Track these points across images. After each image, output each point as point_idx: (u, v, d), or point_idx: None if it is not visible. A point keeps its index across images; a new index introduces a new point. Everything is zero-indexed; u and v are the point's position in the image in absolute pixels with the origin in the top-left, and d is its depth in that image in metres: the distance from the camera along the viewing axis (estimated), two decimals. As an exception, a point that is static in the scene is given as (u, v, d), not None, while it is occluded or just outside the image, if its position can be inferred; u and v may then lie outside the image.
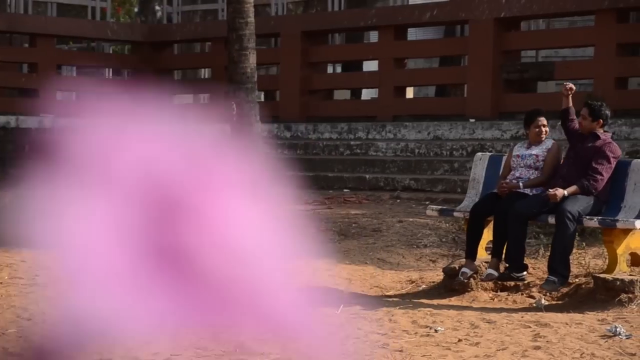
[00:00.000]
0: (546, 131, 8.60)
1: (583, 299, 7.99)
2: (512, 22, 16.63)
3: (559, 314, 7.45)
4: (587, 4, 15.67)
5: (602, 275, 7.95)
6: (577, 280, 8.33)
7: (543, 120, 8.58)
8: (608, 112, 8.40)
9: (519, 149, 8.70)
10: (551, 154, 8.49)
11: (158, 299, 1.01)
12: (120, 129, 1.02)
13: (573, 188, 8.08)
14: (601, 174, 8.09)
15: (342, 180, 15.73)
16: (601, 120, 8.32)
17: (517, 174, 8.52)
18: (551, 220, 8.13)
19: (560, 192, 8.04)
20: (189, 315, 1.01)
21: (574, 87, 8.76)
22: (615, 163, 8.19)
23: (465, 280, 8.40)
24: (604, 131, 8.39)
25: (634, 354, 6.17)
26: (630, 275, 7.89)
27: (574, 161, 8.28)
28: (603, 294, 7.80)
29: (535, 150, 8.55)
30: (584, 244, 9.43)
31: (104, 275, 1.01)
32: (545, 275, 8.34)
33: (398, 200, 13.78)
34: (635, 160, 8.55)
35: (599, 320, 7.18)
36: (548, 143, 8.58)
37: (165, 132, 1.02)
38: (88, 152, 1.02)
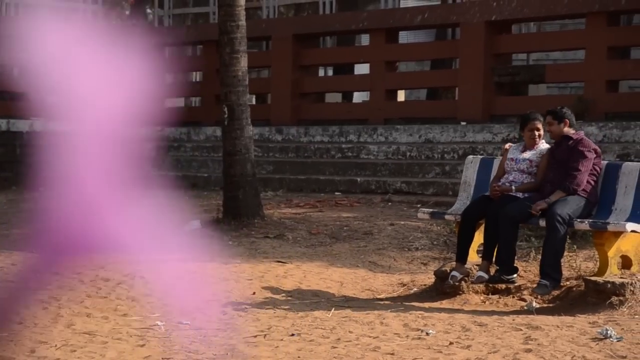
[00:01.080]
0: (540, 135, 8.56)
1: (574, 301, 8.00)
2: (503, 25, 16.64)
3: (550, 317, 7.46)
4: (578, 7, 15.69)
5: (593, 278, 7.96)
6: (568, 283, 8.34)
7: (537, 123, 8.53)
8: (570, 112, 8.46)
9: (513, 152, 8.65)
10: (544, 158, 8.47)
11: None
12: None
13: (557, 194, 8.12)
14: (579, 170, 8.13)
15: (333, 183, 15.73)
16: (567, 120, 8.36)
17: (511, 178, 8.50)
18: (542, 223, 8.14)
19: (541, 204, 8.08)
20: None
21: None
22: (592, 156, 8.21)
23: (456, 284, 8.40)
24: (574, 131, 8.43)
25: (625, 357, 6.18)
26: (621, 277, 7.90)
27: (555, 166, 8.32)
28: (594, 296, 7.81)
29: (529, 155, 8.52)
30: (574, 246, 9.45)
31: None
32: (536, 278, 8.35)
33: (389, 203, 13.78)
34: (626, 163, 8.57)
35: (590, 323, 7.19)
36: (542, 147, 8.55)
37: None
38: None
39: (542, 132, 8.57)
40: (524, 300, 8.22)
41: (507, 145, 9.01)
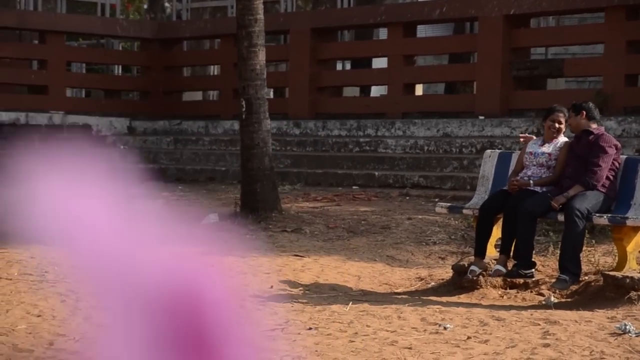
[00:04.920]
0: (560, 129, 8.51)
1: (592, 296, 7.98)
2: (521, 19, 16.60)
3: (569, 312, 7.43)
4: (597, 1, 15.63)
5: (611, 273, 7.93)
6: (586, 277, 8.32)
7: (558, 116, 8.49)
8: (591, 106, 8.41)
9: (532, 146, 8.62)
10: (563, 152, 8.43)
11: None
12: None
13: (576, 188, 8.09)
14: (599, 165, 8.09)
15: (351, 177, 15.72)
16: (584, 112, 8.32)
17: (529, 172, 8.47)
18: (560, 217, 8.12)
19: (560, 199, 8.05)
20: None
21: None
22: (613, 152, 8.17)
23: (474, 278, 8.39)
24: (596, 126, 8.39)
25: (644, 352, 6.15)
26: (640, 272, 7.87)
27: (575, 161, 8.29)
28: (612, 291, 7.78)
29: (547, 149, 8.49)
30: (593, 241, 9.42)
31: None
32: (555, 273, 8.33)
33: (407, 198, 13.77)
34: (645, 158, 8.53)
35: (608, 318, 7.16)
36: (561, 141, 8.52)
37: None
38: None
39: (563, 126, 8.52)
40: (542, 294, 8.20)
41: (522, 135, 9.01)
